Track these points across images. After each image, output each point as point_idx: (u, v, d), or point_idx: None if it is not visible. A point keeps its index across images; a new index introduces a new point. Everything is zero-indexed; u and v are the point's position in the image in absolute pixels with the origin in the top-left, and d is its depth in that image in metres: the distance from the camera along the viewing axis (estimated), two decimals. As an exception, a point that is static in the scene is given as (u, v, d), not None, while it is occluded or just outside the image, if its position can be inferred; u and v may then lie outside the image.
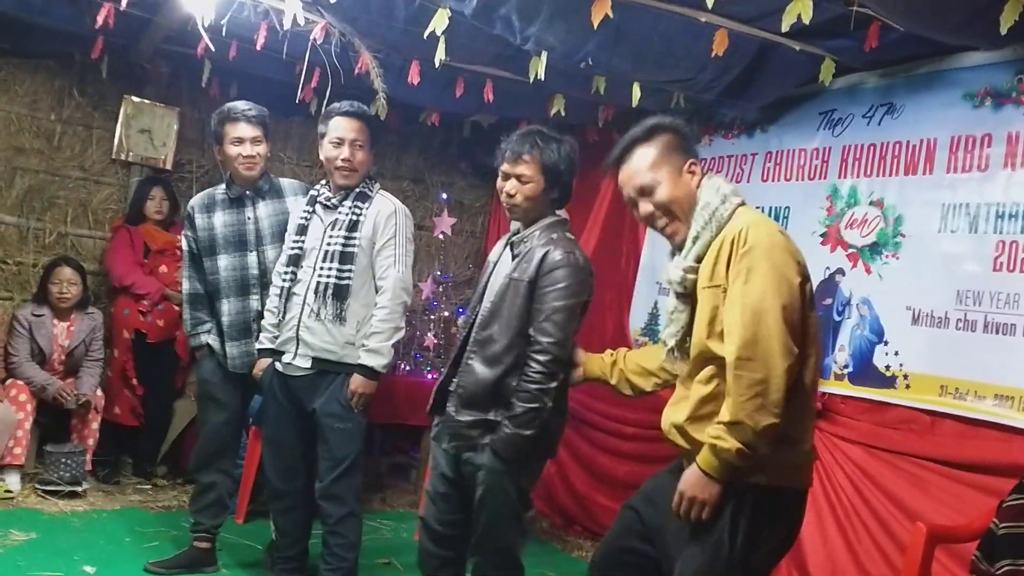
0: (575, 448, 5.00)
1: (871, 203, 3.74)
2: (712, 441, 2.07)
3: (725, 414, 2.06)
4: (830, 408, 3.76)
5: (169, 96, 5.34)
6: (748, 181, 4.31)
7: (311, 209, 3.43)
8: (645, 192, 2.28)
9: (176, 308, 4.85)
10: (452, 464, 2.82)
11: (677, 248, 2.31)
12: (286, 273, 3.39)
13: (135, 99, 5.24)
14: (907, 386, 3.48)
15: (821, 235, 3.92)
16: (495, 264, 2.92)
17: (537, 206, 2.85)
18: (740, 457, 2.04)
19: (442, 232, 5.93)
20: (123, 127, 5.22)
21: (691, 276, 2.22)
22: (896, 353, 3.54)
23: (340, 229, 3.30)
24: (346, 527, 3.31)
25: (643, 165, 2.27)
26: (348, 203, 3.34)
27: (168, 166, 5.31)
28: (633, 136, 2.29)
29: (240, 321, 3.57)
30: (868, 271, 3.70)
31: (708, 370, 2.19)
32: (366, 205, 3.34)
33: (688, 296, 2.25)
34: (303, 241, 3.38)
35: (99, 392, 4.68)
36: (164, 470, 4.95)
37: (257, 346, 3.50)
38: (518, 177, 2.82)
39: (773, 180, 4.22)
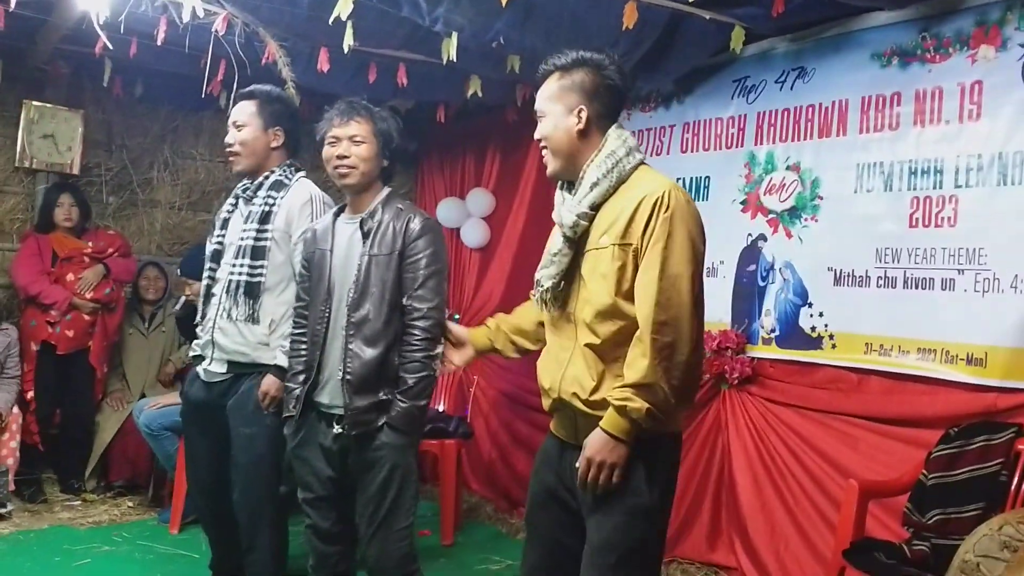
0: (516, 432, 4.98)
1: (788, 168, 3.77)
2: (620, 403, 2.04)
3: (634, 375, 2.04)
4: (759, 372, 3.80)
5: (71, 98, 5.14)
6: (668, 153, 4.32)
7: (234, 202, 3.24)
8: (537, 118, 2.28)
9: (86, 317, 4.69)
10: (335, 461, 2.75)
11: (560, 186, 2.29)
12: (208, 271, 3.21)
13: (36, 103, 5.03)
14: (833, 346, 3.53)
15: (741, 203, 3.94)
16: (331, 249, 2.80)
17: (372, 170, 2.79)
18: (648, 418, 2.03)
19: (367, 222, 5.84)
20: (25, 133, 5.02)
21: (584, 223, 2.18)
22: (821, 314, 3.58)
23: (253, 222, 3.09)
24: (261, 541, 3.09)
25: (542, 94, 2.26)
26: (262, 193, 3.13)
27: (75, 171, 5.12)
28: (555, 63, 2.25)
29: None
30: (789, 235, 3.74)
31: (614, 330, 2.13)
32: (281, 194, 3.12)
33: (575, 241, 2.21)
34: (223, 236, 3.20)
35: (15, 410, 4.50)
36: (93, 484, 4.80)
37: (191, 353, 3.31)
38: (350, 138, 2.76)
39: (692, 151, 4.23)
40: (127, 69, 4.66)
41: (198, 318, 3.24)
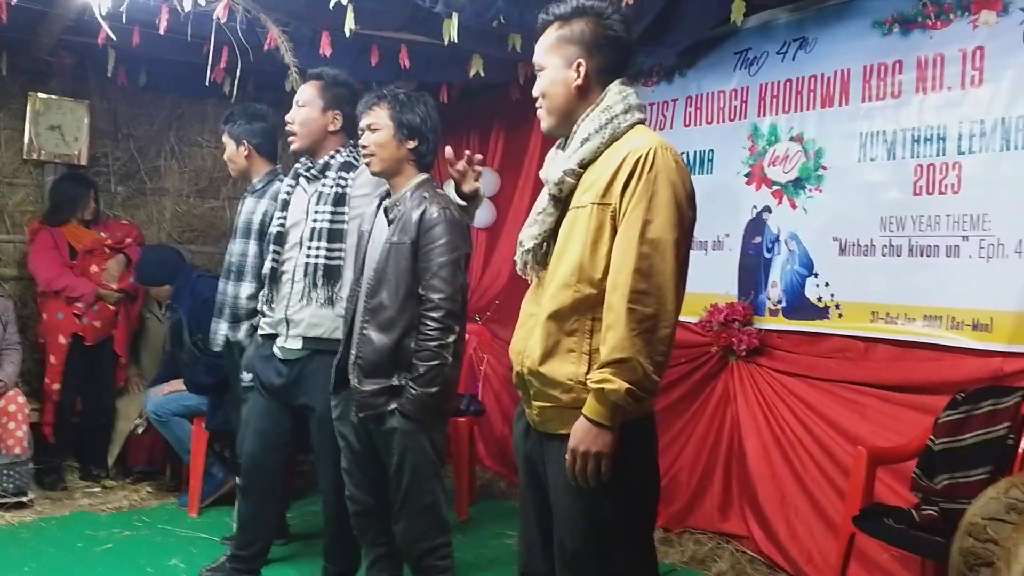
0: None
1: (791, 139, 3.77)
2: (598, 386, 1.88)
3: (609, 349, 1.88)
4: (767, 343, 3.83)
5: (76, 89, 5.17)
6: (671, 127, 4.32)
7: (294, 182, 3.26)
8: (536, 72, 2.15)
9: (111, 307, 4.76)
10: (363, 437, 2.86)
11: (556, 144, 2.17)
12: (274, 253, 3.22)
13: (41, 95, 5.07)
14: (840, 315, 3.55)
15: (745, 175, 3.95)
16: (370, 233, 2.91)
17: (392, 155, 2.83)
18: (630, 398, 1.87)
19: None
20: (32, 125, 5.06)
21: (570, 180, 2.04)
22: (827, 284, 3.60)
23: (325, 204, 3.09)
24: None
25: (540, 46, 2.12)
26: (332, 173, 3.13)
27: (83, 161, 5.16)
28: (554, 12, 2.11)
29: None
30: (793, 206, 3.75)
31: (578, 298, 1.98)
32: (351, 176, 3.12)
33: (561, 200, 2.08)
34: (284, 218, 3.21)
35: (21, 399, 4.48)
36: (112, 470, 4.86)
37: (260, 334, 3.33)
38: (368, 127, 2.83)
39: (695, 124, 4.23)
40: (131, 58, 4.68)
41: (262, 295, 3.27)
